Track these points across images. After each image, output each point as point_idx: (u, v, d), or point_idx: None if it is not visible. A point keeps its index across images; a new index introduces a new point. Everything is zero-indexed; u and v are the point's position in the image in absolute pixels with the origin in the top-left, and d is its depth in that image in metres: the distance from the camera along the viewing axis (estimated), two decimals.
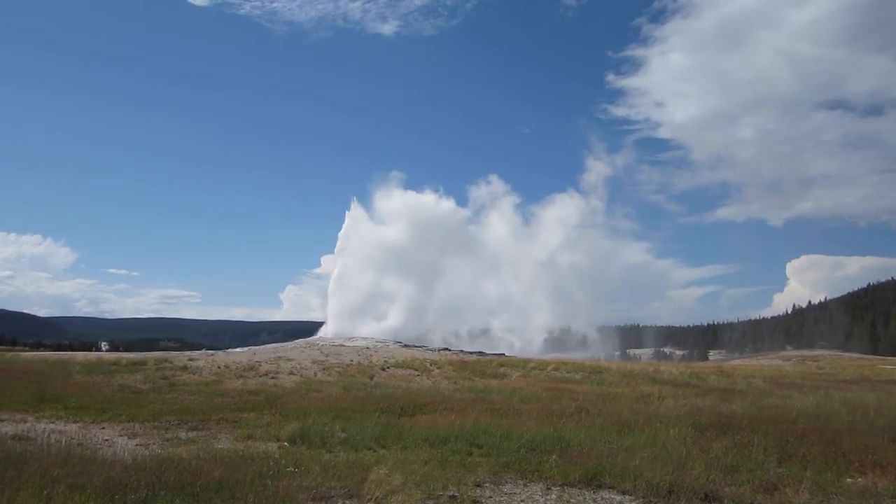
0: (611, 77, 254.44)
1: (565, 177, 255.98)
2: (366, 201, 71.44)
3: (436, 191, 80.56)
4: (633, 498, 6.65)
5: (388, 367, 26.22)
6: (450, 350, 42.38)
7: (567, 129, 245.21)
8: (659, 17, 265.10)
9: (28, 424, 10.60)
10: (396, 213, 72.19)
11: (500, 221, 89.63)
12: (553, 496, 6.65)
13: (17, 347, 65.95)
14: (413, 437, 9.74)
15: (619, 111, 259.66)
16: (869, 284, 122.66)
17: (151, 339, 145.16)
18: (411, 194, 76.88)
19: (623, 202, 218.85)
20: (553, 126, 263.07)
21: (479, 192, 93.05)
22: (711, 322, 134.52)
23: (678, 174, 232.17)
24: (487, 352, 43.55)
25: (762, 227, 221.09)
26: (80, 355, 32.30)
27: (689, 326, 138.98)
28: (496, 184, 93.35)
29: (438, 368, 26.49)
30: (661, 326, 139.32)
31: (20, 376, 19.76)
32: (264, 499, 5.61)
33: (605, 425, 11.22)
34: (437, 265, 71.73)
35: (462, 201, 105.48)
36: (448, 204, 79.68)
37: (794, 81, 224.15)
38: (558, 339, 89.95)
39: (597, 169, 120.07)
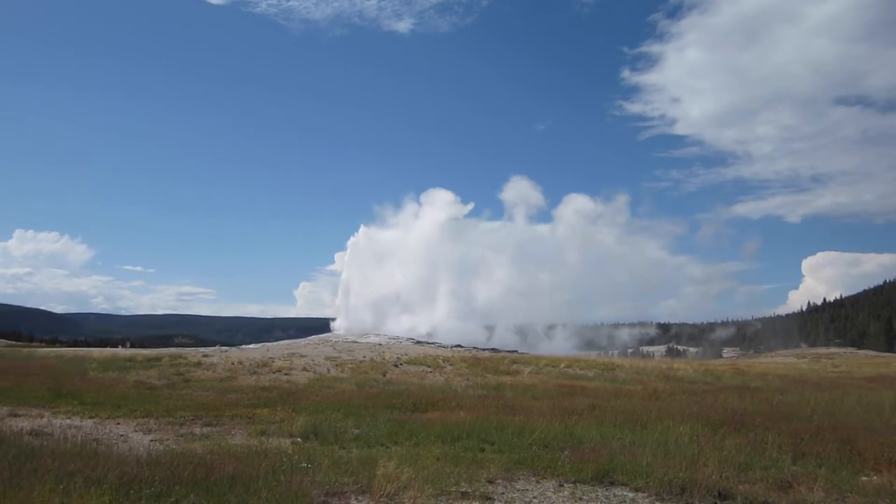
0: (626, 73, 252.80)
1: (581, 174, 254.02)
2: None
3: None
4: (645, 495, 6.61)
5: (400, 364, 26.31)
6: (462, 347, 42.40)
7: (582, 125, 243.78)
8: (675, 12, 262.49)
9: (45, 420, 10.77)
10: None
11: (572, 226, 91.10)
12: (566, 493, 6.63)
13: (34, 344, 66.94)
14: (425, 433, 9.76)
15: (634, 108, 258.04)
16: (885, 282, 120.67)
17: (166, 336, 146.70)
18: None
19: (638, 199, 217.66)
20: (568, 123, 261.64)
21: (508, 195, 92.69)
22: (726, 319, 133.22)
23: (694, 171, 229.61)
24: (501, 349, 43.56)
25: (778, 224, 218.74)
26: (96, 351, 32.75)
27: (703, 323, 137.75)
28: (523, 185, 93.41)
29: (451, 365, 26.52)
30: (676, 324, 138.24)
31: (37, 372, 20.06)
32: (278, 494, 5.64)
33: (617, 422, 11.17)
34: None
35: (474, 200, 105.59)
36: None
37: (812, 77, 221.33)
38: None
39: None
